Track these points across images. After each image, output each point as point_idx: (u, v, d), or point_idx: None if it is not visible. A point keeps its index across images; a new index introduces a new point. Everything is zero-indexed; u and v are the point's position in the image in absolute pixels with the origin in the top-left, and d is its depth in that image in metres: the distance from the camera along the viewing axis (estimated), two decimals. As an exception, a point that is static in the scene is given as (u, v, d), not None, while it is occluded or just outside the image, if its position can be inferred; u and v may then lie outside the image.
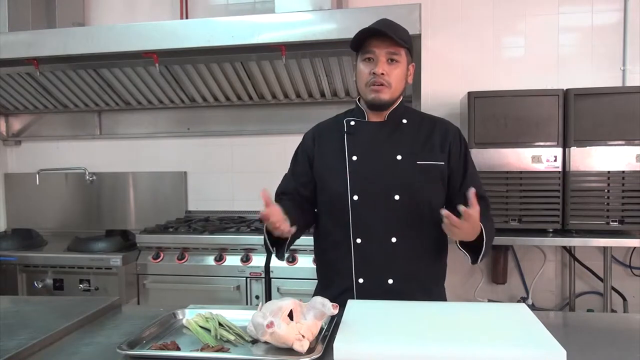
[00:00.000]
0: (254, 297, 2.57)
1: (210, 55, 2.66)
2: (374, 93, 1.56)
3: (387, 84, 1.55)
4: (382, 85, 1.55)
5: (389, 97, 1.57)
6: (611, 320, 1.62)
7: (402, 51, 1.56)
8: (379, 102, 1.57)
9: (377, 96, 1.56)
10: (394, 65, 1.55)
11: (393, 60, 1.55)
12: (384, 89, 1.55)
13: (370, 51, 1.55)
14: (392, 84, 1.56)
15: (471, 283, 2.99)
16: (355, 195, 1.57)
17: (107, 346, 1.23)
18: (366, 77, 1.57)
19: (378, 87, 1.55)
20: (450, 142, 1.62)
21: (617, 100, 2.42)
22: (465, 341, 1.13)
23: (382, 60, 1.54)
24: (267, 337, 1.15)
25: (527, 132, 2.48)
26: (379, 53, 1.54)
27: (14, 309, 1.61)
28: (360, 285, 1.57)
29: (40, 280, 2.69)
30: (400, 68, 1.57)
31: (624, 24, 2.78)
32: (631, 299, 2.79)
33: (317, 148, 1.68)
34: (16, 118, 3.49)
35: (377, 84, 1.54)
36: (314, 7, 2.54)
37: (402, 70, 1.58)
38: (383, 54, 1.54)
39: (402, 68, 1.57)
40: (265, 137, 3.17)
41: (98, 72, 2.88)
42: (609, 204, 2.44)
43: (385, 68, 1.54)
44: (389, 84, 1.55)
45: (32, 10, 2.95)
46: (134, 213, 3.33)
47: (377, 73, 1.53)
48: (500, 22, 2.91)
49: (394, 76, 1.56)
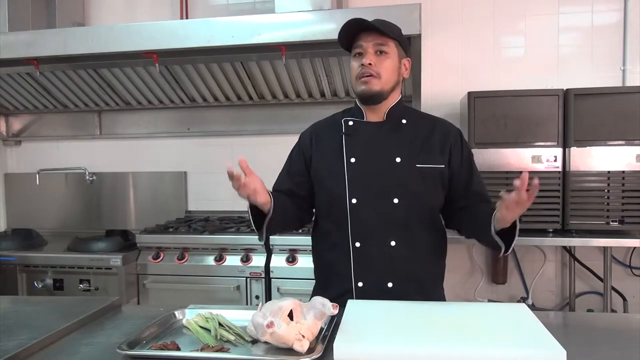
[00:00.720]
0: (254, 297, 2.57)
1: (210, 55, 2.66)
2: (363, 85, 1.55)
3: (376, 75, 1.54)
4: (370, 76, 1.54)
5: (379, 88, 1.55)
6: (611, 320, 1.62)
7: (390, 42, 1.56)
8: (370, 93, 1.56)
9: (366, 87, 1.55)
10: (383, 57, 1.55)
11: (382, 52, 1.55)
12: (373, 80, 1.54)
13: (359, 45, 1.55)
14: (381, 75, 1.55)
15: (471, 283, 2.99)
16: (353, 198, 1.56)
17: (107, 346, 1.23)
18: (356, 71, 1.57)
19: (367, 79, 1.54)
20: (451, 145, 1.61)
21: (617, 100, 2.42)
22: (465, 341, 1.13)
23: (369, 52, 1.54)
24: (267, 337, 1.15)
25: (527, 132, 2.48)
26: (367, 46, 1.54)
27: (14, 309, 1.60)
28: (359, 288, 1.57)
29: (40, 280, 2.69)
30: (390, 59, 1.56)
31: (624, 24, 2.78)
32: (631, 299, 2.79)
33: (314, 148, 1.67)
34: (16, 118, 3.49)
35: (366, 75, 1.54)
36: (314, 7, 2.54)
37: (393, 62, 1.57)
38: (370, 46, 1.54)
39: (392, 59, 1.56)
40: (265, 137, 3.17)
41: (98, 72, 2.88)
42: (609, 204, 2.44)
43: (372, 59, 1.54)
44: (378, 74, 1.54)
45: (32, 10, 2.95)
46: (134, 213, 3.33)
47: (365, 64, 1.53)
48: (500, 22, 2.91)
49: (383, 67, 1.55)
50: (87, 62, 2.79)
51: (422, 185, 1.56)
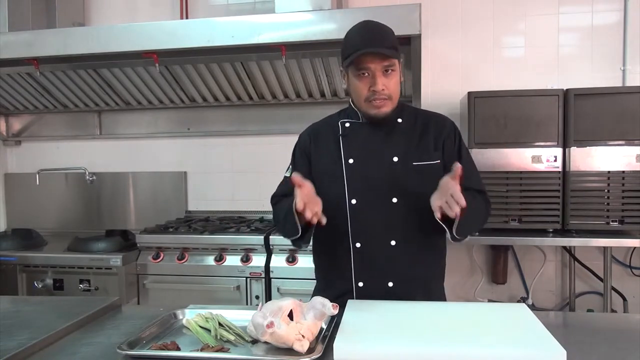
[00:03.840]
0: (254, 297, 2.57)
1: (210, 55, 2.66)
2: (375, 109, 1.53)
3: (388, 97, 1.52)
4: (384, 100, 1.52)
5: (391, 108, 1.55)
6: (611, 320, 1.62)
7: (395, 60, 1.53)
8: (383, 116, 1.55)
9: (379, 111, 1.53)
10: (390, 76, 1.52)
11: (388, 71, 1.51)
12: (386, 103, 1.52)
13: (365, 67, 1.50)
14: (392, 96, 1.53)
15: (471, 283, 2.99)
16: (353, 199, 1.56)
17: (107, 346, 1.23)
18: (364, 94, 1.53)
19: (380, 103, 1.52)
20: (444, 138, 1.60)
21: (617, 100, 2.42)
22: (465, 341, 1.13)
23: (378, 75, 1.49)
24: (267, 337, 1.15)
25: (527, 132, 2.48)
26: (375, 68, 1.49)
27: (14, 309, 1.61)
28: (360, 288, 1.57)
29: (40, 280, 2.69)
30: (396, 76, 1.54)
31: (624, 24, 2.78)
32: (631, 299, 2.79)
33: (313, 149, 1.66)
34: (16, 118, 3.49)
35: (379, 99, 1.51)
36: (314, 7, 2.54)
37: (398, 76, 1.56)
38: (379, 69, 1.49)
39: (397, 75, 1.55)
40: (265, 137, 3.17)
41: (98, 72, 2.88)
42: (609, 204, 2.44)
43: (384, 82, 1.50)
44: (389, 97, 1.52)
45: (32, 10, 2.95)
46: (134, 213, 3.33)
47: (378, 90, 1.50)
48: (500, 22, 2.91)
49: (392, 86, 1.53)
50: (87, 62, 2.79)
51: (420, 183, 1.55)
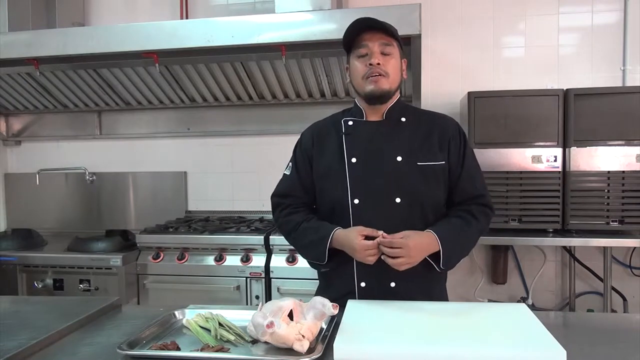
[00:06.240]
0: (254, 297, 2.57)
1: (210, 55, 2.66)
2: (372, 84, 1.55)
3: (385, 74, 1.54)
4: (379, 76, 1.54)
5: (389, 87, 1.56)
6: (611, 320, 1.62)
7: (393, 42, 1.56)
8: (380, 92, 1.55)
9: (376, 86, 1.54)
10: (388, 57, 1.55)
11: (386, 53, 1.55)
12: (382, 79, 1.54)
13: (364, 45, 1.54)
14: (389, 74, 1.55)
15: (471, 283, 2.99)
16: (356, 199, 1.56)
17: (107, 346, 1.23)
18: (362, 71, 1.56)
19: (376, 78, 1.54)
20: (449, 139, 1.60)
21: (617, 100, 2.43)
22: (466, 341, 1.13)
23: (376, 51, 1.54)
24: (267, 337, 1.15)
25: (527, 132, 2.48)
26: (372, 45, 1.54)
27: (14, 309, 1.61)
28: (362, 288, 1.56)
29: (40, 280, 2.69)
30: (394, 59, 1.57)
31: (624, 24, 2.78)
32: (631, 299, 2.79)
33: (315, 149, 1.66)
34: (16, 118, 3.49)
35: (375, 74, 1.54)
36: (314, 7, 2.54)
37: (397, 61, 1.58)
38: (376, 46, 1.54)
39: (396, 59, 1.57)
40: (265, 137, 3.17)
41: (98, 72, 2.88)
42: (609, 204, 2.44)
43: (380, 59, 1.54)
44: (386, 73, 1.54)
45: (32, 10, 2.95)
46: (134, 213, 3.33)
47: (374, 64, 1.53)
48: (500, 22, 2.91)
49: (390, 66, 1.56)
50: (87, 62, 2.79)
51: (423, 183, 1.56)
